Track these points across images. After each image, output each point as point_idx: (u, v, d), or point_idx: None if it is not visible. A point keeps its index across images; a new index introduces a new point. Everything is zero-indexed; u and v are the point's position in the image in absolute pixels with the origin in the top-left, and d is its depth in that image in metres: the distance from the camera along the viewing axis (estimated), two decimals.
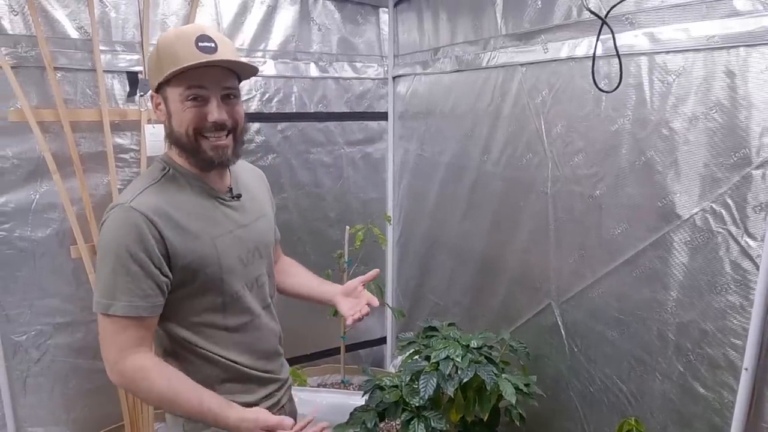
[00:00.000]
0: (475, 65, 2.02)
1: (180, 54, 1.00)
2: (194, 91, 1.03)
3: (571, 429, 1.72)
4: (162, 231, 1.00)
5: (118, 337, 1.00)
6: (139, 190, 1.03)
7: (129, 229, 0.98)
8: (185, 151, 1.07)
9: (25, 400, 2.03)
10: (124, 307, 0.98)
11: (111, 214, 1.01)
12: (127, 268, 0.98)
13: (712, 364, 1.29)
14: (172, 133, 1.07)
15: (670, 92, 1.33)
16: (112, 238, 0.99)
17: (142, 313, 1.00)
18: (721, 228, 1.25)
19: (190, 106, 1.03)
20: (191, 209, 1.06)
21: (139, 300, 0.99)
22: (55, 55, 1.90)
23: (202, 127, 1.04)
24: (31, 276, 1.98)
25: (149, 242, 0.99)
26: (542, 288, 1.80)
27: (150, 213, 0.99)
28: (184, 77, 1.01)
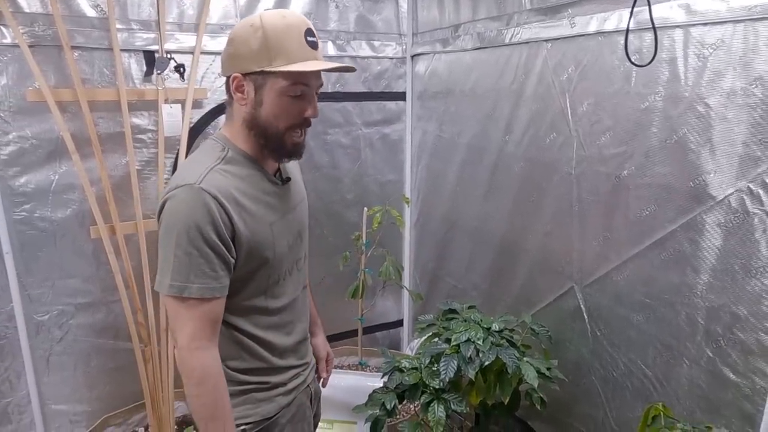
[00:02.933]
0: (498, 42, 1.96)
1: (293, 49, 0.99)
2: (300, 88, 1.02)
3: (593, 414, 1.69)
4: (230, 213, 0.99)
5: (192, 322, 0.99)
6: (205, 170, 1.00)
7: (201, 210, 0.96)
8: (266, 140, 1.05)
9: (49, 378, 2.07)
10: (199, 289, 0.97)
11: (178, 193, 0.98)
12: (200, 249, 0.96)
13: (745, 350, 1.25)
14: (256, 120, 1.04)
15: (706, 66, 1.27)
16: (183, 218, 0.96)
17: (216, 294, 1.00)
18: (759, 209, 1.19)
19: (290, 101, 1.02)
20: (252, 193, 1.05)
21: (212, 281, 0.98)
22: (72, 33, 1.89)
23: (297, 123, 1.04)
24: (52, 256, 2.00)
25: (220, 224, 0.97)
26: (564, 271, 1.76)
27: (219, 195, 0.98)
28: (293, 73, 0.99)
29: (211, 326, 1.01)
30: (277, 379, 1.15)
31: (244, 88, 1.03)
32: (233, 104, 1.07)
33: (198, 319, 0.99)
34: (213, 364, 1.01)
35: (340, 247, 2.37)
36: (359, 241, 2.35)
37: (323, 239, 2.54)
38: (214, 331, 1.02)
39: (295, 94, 1.02)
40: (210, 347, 1.01)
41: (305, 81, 1.02)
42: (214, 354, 1.01)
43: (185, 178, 0.99)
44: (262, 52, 0.99)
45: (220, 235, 0.98)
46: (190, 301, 0.97)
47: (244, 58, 1.01)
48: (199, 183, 0.97)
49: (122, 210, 2.04)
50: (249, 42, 1.00)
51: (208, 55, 2.13)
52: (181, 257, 0.97)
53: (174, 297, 0.98)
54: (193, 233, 0.96)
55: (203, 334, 0.99)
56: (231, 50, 1.03)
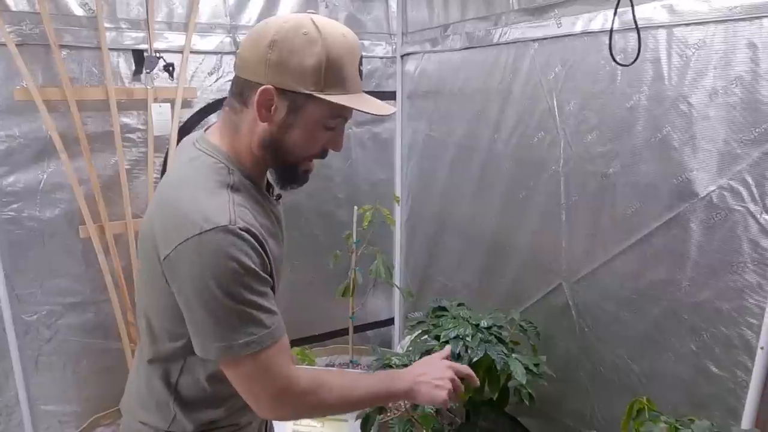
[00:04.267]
0: (486, 42, 1.98)
1: (349, 79, 0.87)
2: (338, 121, 0.90)
3: (581, 409, 1.71)
4: (266, 248, 0.87)
5: (278, 365, 0.86)
6: (228, 205, 0.84)
7: (247, 251, 0.82)
8: (280, 165, 0.93)
9: (38, 378, 2.06)
10: (276, 329, 0.86)
11: (209, 239, 0.80)
12: (258, 290, 0.84)
13: (727, 344, 1.28)
14: (277, 143, 0.88)
15: (689, 66, 1.29)
16: (231, 268, 0.80)
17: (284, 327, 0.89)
18: (740, 205, 1.22)
19: (323, 131, 0.89)
20: (263, 220, 0.92)
21: (278, 316, 0.87)
22: (60, 32, 1.88)
23: (318, 154, 0.93)
24: (41, 256, 1.99)
25: (265, 262, 0.86)
26: (553, 268, 1.78)
27: (255, 230, 0.84)
28: (340, 105, 0.86)
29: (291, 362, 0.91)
30: (244, 420, 1.03)
31: (274, 104, 0.85)
32: (244, 113, 0.88)
33: (284, 353, 0.88)
34: (303, 372, 0.91)
35: (331, 246, 2.38)
36: (350, 239, 2.36)
37: (314, 238, 2.55)
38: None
39: (331, 126, 0.89)
40: (297, 374, 0.90)
41: (346, 114, 0.90)
42: (297, 373, 0.91)
43: (208, 217, 0.81)
44: (318, 72, 0.83)
45: (265, 268, 0.86)
46: (271, 346, 0.85)
47: (290, 71, 0.83)
48: (234, 223, 0.81)
49: (111, 209, 2.03)
50: (303, 55, 0.83)
51: (197, 54, 2.13)
52: (245, 310, 0.82)
53: (255, 354, 0.83)
54: (248, 279, 0.82)
55: (290, 362, 0.90)
56: (273, 57, 0.83)
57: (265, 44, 0.83)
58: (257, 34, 0.86)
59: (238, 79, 0.89)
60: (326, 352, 2.60)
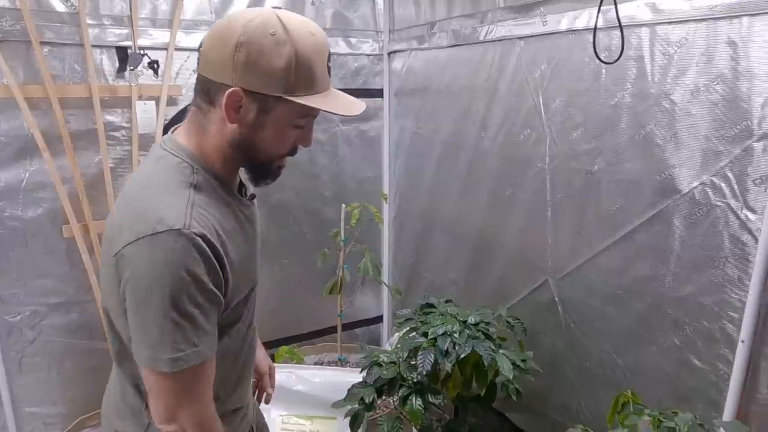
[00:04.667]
0: (473, 39, 1.98)
1: (318, 78, 0.84)
2: (308, 119, 0.89)
3: (567, 403, 1.73)
4: (221, 256, 0.84)
5: (202, 391, 0.85)
6: (186, 207, 0.82)
7: (197, 259, 0.79)
8: (251, 164, 0.91)
9: (21, 380, 2.03)
10: (206, 350, 0.83)
11: (159, 241, 0.78)
12: (200, 305, 0.80)
13: (709, 338, 1.30)
14: (247, 144, 0.86)
15: (671, 64, 1.31)
16: (177, 274, 0.77)
17: (216, 349, 0.86)
18: (721, 201, 1.24)
19: (292, 130, 0.88)
20: (228, 223, 0.89)
21: (210, 338, 0.84)
22: (41, 29, 1.84)
23: (290, 152, 0.92)
24: (24, 256, 1.95)
25: (216, 270, 0.82)
26: (539, 265, 1.80)
27: (210, 236, 0.81)
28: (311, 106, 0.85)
29: (210, 386, 0.88)
30: (228, 428, 1.00)
31: (242, 106, 0.83)
32: (212, 113, 0.86)
33: (207, 384, 0.86)
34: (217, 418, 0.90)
35: (319, 244, 2.37)
36: (338, 237, 2.35)
37: (301, 236, 2.54)
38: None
39: (300, 124, 0.88)
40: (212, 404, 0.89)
41: (316, 113, 0.88)
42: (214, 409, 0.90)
43: (163, 219, 0.79)
44: (286, 73, 0.81)
45: (217, 283, 0.83)
46: (195, 368, 0.82)
47: (258, 73, 0.81)
48: (188, 227, 0.79)
49: (96, 208, 2.00)
50: (271, 57, 0.80)
51: (182, 51, 2.11)
52: (180, 321, 0.79)
53: (176, 372, 0.80)
54: (193, 289, 0.79)
55: (210, 398, 0.87)
56: (241, 59, 0.80)
57: (231, 45, 0.80)
58: (222, 32, 0.82)
59: (202, 78, 0.86)
60: (315, 351, 2.60)
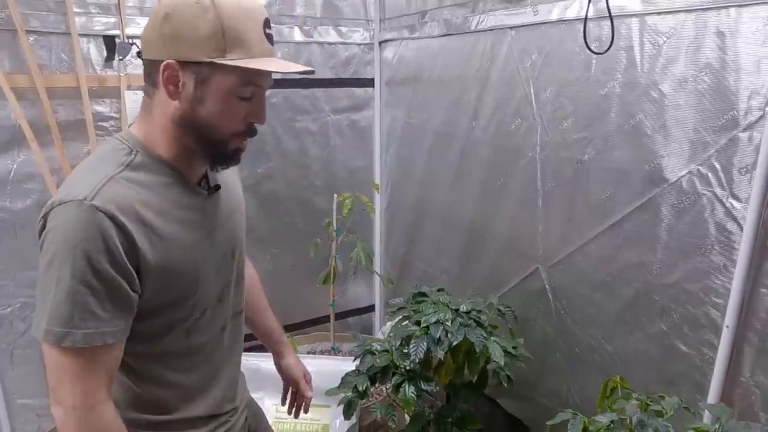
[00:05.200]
0: (464, 29, 1.98)
1: (252, 42, 0.83)
2: (252, 89, 0.86)
3: (557, 389, 1.77)
4: (131, 236, 0.80)
5: (83, 377, 0.79)
6: (101, 181, 0.80)
7: (91, 234, 0.76)
8: (202, 144, 0.88)
9: (13, 372, 2.02)
10: (86, 335, 0.78)
11: (61, 212, 0.78)
12: (90, 285, 0.77)
13: (695, 323, 1.33)
14: (191, 120, 0.85)
15: (660, 54, 1.32)
16: (67, 245, 0.76)
17: (109, 339, 0.80)
18: (707, 190, 1.26)
19: (238, 102, 0.86)
20: (165, 208, 0.86)
21: (104, 325, 0.79)
22: (26, 17, 1.81)
23: (244, 130, 0.89)
24: (13, 247, 1.94)
25: (117, 251, 0.78)
26: (530, 253, 1.82)
27: (118, 213, 0.78)
28: (248, 70, 0.83)
29: (106, 378, 0.82)
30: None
31: (179, 79, 0.83)
32: (155, 95, 0.86)
33: (90, 372, 0.79)
34: (114, 423, 0.84)
35: (310, 234, 2.38)
36: (330, 227, 2.36)
37: (293, 226, 2.54)
38: (109, 382, 0.84)
39: (246, 95, 0.86)
40: (107, 401, 0.83)
41: (260, 82, 0.86)
42: (112, 408, 0.84)
43: (71, 192, 0.78)
44: (214, 39, 0.81)
45: (117, 264, 0.79)
46: (76, 350, 0.78)
47: (186, 42, 0.81)
48: (90, 199, 0.77)
49: None
50: (195, 23, 0.80)
51: None
52: (61, 296, 0.76)
53: (53, 346, 0.77)
54: (80, 264, 0.76)
55: (98, 387, 0.81)
56: (168, 30, 0.81)
57: (159, 19, 0.82)
58: (152, 13, 0.85)
59: (144, 62, 0.87)
60: (308, 340, 2.61)
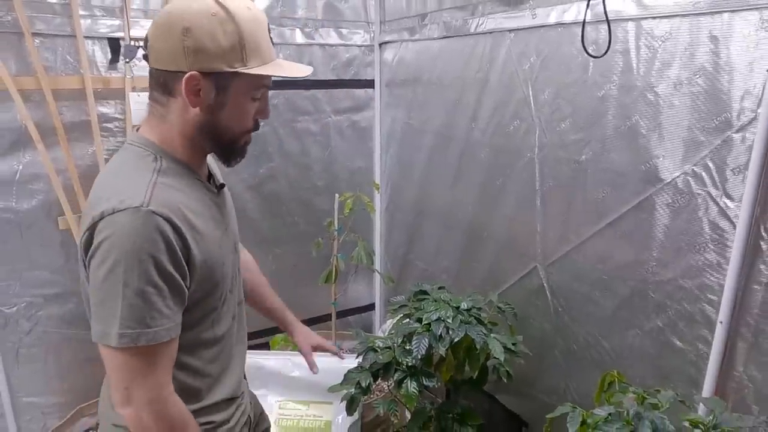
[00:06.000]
0: (463, 31, 2.02)
1: (263, 47, 0.90)
2: (263, 90, 0.94)
3: (555, 385, 1.80)
4: (186, 236, 0.86)
5: (155, 372, 0.85)
6: (147, 187, 0.85)
7: (153, 238, 0.81)
8: (218, 146, 0.95)
9: (19, 371, 2.04)
10: (158, 332, 0.83)
11: (120, 218, 0.81)
12: (155, 285, 0.82)
13: (690, 319, 1.37)
14: (212, 125, 0.91)
15: (656, 57, 1.36)
16: (132, 251, 0.80)
17: (173, 334, 0.87)
18: (702, 190, 1.30)
19: (251, 103, 0.93)
20: (198, 208, 0.93)
21: (168, 321, 0.85)
22: (32, 20, 1.84)
23: (252, 127, 0.96)
24: (19, 248, 1.96)
25: (176, 251, 0.84)
26: (528, 252, 1.85)
27: (172, 216, 0.84)
28: (261, 75, 0.90)
29: (170, 370, 0.89)
30: (221, 417, 1.03)
31: (201, 89, 0.88)
32: (172, 103, 0.90)
33: (159, 366, 0.86)
34: (184, 407, 0.91)
35: (311, 234, 2.41)
36: (331, 227, 2.39)
37: (294, 226, 2.57)
38: (171, 374, 0.90)
39: (257, 96, 0.93)
40: (174, 392, 0.90)
41: (269, 82, 0.95)
42: (179, 398, 0.91)
43: (124, 200, 0.82)
44: (236, 50, 0.86)
45: (176, 264, 0.84)
46: (147, 348, 0.83)
47: (210, 54, 0.86)
48: (147, 205, 0.82)
49: None
50: (216, 36, 0.85)
51: None
52: (132, 299, 0.81)
53: (125, 348, 0.82)
54: (146, 267, 0.80)
55: (167, 379, 0.88)
56: (189, 43, 0.85)
57: (178, 33, 0.85)
58: (165, 23, 0.87)
59: (156, 72, 0.90)
60: None
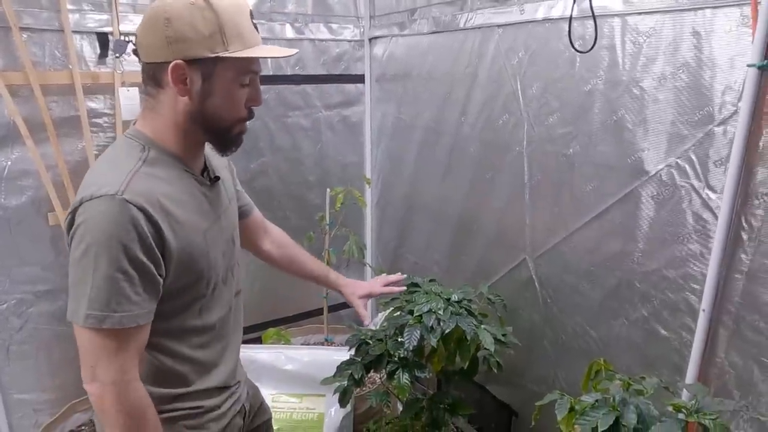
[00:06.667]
0: (453, 27, 2.03)
1: (245, 32, 0.92)
2: (249, 76, 0.95)
3: (545, 374, 1.84)
4: (159, 226, 0.88)
5: (119, 355, 0.87)
6: (126, 176, 0.88)
7: (125, 226, 0.84)
8: (211, 134, 0.97)
9: (10, 367, 2.04)
10: (123, 317, 0.86)
11: (95, 206, 0.85)
12: (125, 272, 0.85)
13: (674, 308, 1.40)
14: (201, 114, 0.94)
15: (640, 53, 1.39)
16: (103, 236, 0.84)
17: (141, 321, 0.89)
18: (685, 182, 1.33)
19: (239, 90, 0.95)
20: (180, 198, 0.95)
21: (137, 308, 0.87)
22: (20, 14, 1.82)
23: (245, 115, 0.98)
24: (8, 244, 1.95)
25: (148, 240, 0.86)
26: (518, 244, 1.88)
27: (147, 205, 0.86)
28: (246, 59, 0.93)
29: (137, 356, 0.91)
30: (210, 403, 1.06)
31: (187, 77, 0.91)
32: (161, 94, 0.94)
33: (125, 350, 0.88)
34: (146, 396, 0.93)
35: (303, 228, 2.42)
36: (323, 221, 2.40)
37: (286, 221, 2.58)
38: (139, 361, 0.92)
39: (245, 83, 0.95)
40: (138, 378, 0.92)
41: (256, 68, 0.96)
42: (142, 385, 0.93)
43: (102, 187, 0.86)
44: (216, 35, 0.89)
45: (148, 252, 0.87)
46: (113, 331, 0.86)
47: (190, 41, 0.88)
48: (121, 193, 0.85)
49: None
50: (195, 23, 0.88)
51: None
52: (100, 282, 0.84)
53: (91, 329, 0.86)
54: (116, 254, 0.84)
55: (132, 364, 0.89)
56: (170, 33, 0.88)
57: (159, 25, 0.89)
58: (149, 18, 0.91)
59: (145, 66, 0.94)
60: (301, 332, 2.65)
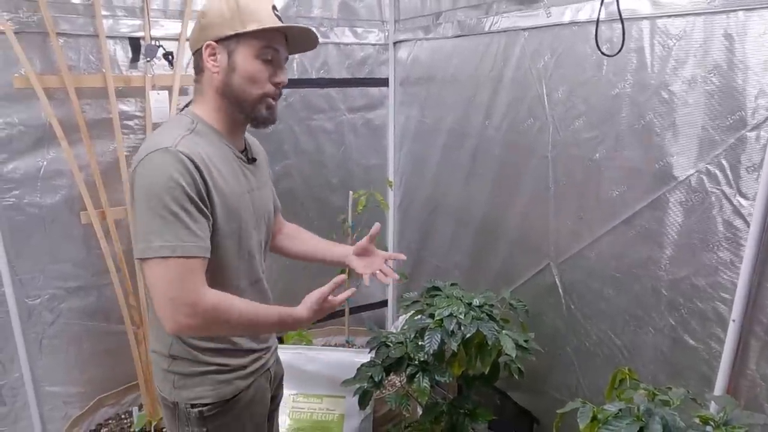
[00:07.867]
0: (478, 30, 2.03)
1: (262, 14, 1.06)
2: (270, 52, 1.08)
3: (567, 382, 1.81)
4: (204, 174, 1.01)
5: (192, 279, 0.97)
6: (177, 138, 1.02)
7: (180, 170, 0.97)
8: (240, 107, 1.10)
9: (42, 361, 2.10)
10: (192, 247, 0.97)
11: (153, 156, 0.99)
12: (185, 208, 0.97)
13: (703, 317, 1.37)
14: (229, 87, 1.08)
15: (670, 56, 1.36)
16: (164, 180, 0.96)
17: (206, 253, 1.00)
18: (716, 188, 1.30)
19: (261, 65, 1.08)
20: (221, 163, 1.08)
21: (201, 241, 0.99)
22: (57, 20, 1.89)
23: (269, 92, 1.10)
24: (42, 241, 2.02)
25: (198, 184, 0.99)
26: (541, 249, 1.86)
27: (194, 158, 1.00)
28: (263, 37, 1.06)
29: (205, 284, 1.00)
30: (237, 362, 1.17)
31: (217, 55, 1.07)
32: (203, 77, 1.10)
33: (197, 277, 0.98)
34: (216, 292, 1.01)
35: (325, 230, 2.40)
36: (345, 223, 2.42)
37: (309, 222, 2.60)
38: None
39: (266, 57, 1.07)
40: (210, 290, 1.00)
41: (276, 45, 1.09)
42: (215, 292, 1.01)
43: (158, 143, 1.00)
44: (235, 16, 1.05)
45: (199, 193, 1.00)
46: (183, 260, 0.96)
47: (216, 25, 1.06)
48: (174, 147, 0.99)
49: (111, 195, 2.07)
50: (221, 9, 1.06)
51: None
52: (168, 218, 0.96)
53: (163, 258, 0.95)
54: (177, 193, 0.96)
55: (202, 284, 0.99)
56: (204, 22, 1.08)
57: (198, 19, 1.10)
58: (196, 20, 1.11)
59: (193, 58, 1.13)
60: (323, 333, 2.68)
